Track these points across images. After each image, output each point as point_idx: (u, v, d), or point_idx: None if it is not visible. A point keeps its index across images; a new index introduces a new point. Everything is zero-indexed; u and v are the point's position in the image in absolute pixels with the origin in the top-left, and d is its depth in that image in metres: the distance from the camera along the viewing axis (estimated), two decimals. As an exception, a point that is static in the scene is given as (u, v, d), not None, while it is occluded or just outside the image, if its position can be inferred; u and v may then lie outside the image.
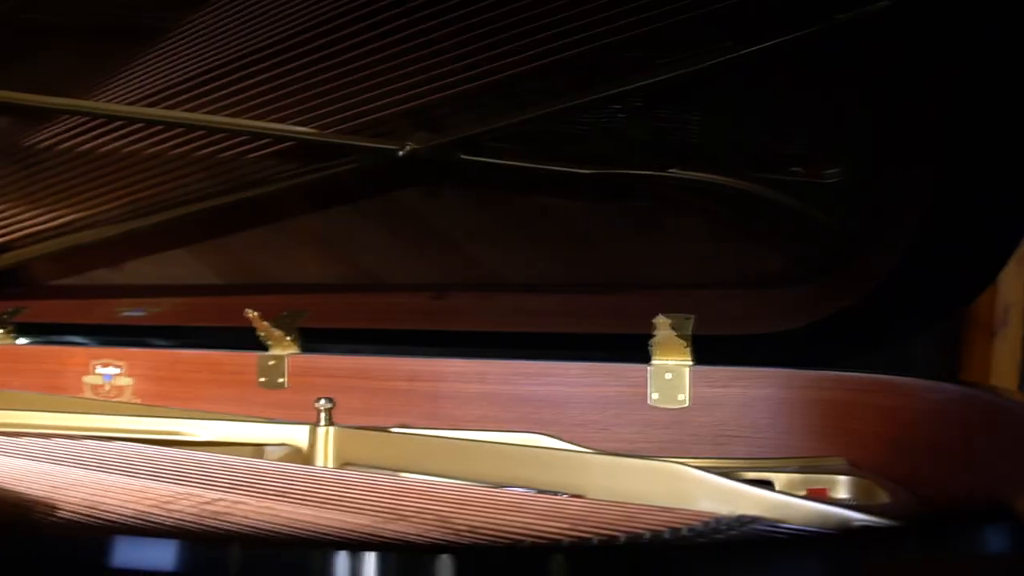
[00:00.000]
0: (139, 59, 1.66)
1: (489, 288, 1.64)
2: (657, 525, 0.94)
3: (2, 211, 1.91)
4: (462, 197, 1.61)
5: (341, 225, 1.69)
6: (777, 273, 1.51)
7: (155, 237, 1.81)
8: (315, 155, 1.59)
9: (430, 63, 1.44)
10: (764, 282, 1.50)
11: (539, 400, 1.47)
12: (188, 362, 1.74)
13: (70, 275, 1.98)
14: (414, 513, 0.98)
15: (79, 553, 0.74)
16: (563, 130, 1.48)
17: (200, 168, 1.69)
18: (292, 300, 1.70)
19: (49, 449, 1.29)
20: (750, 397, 1.39)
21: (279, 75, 1.55)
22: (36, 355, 1.90)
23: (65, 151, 1.79)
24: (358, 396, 1.54)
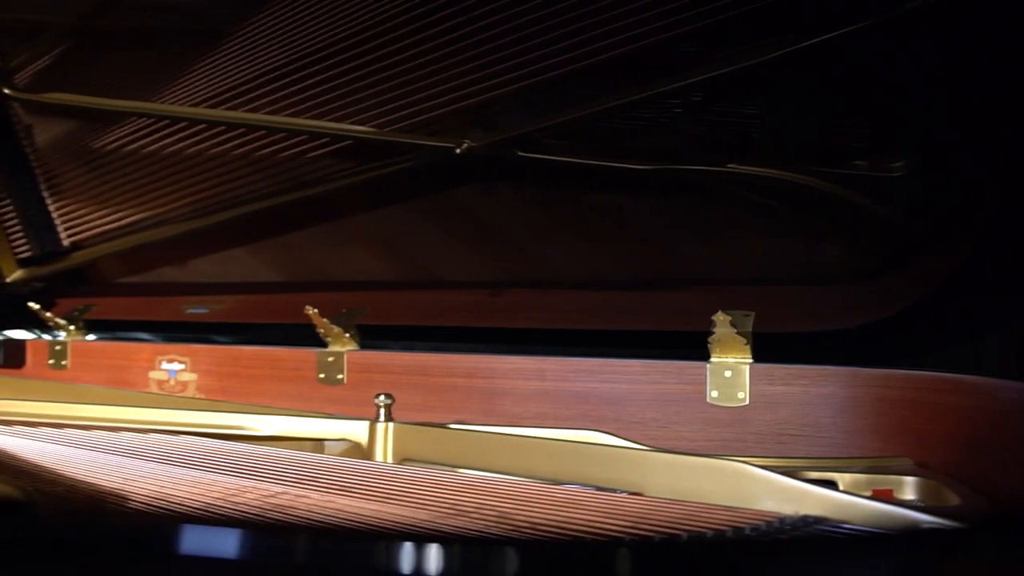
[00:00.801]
0: (202, 61, 1.70)
1: (546, 285, 1.63)
2: (719, 524, 0.93)
3: (72, 212, 1.97)
4: (518, 194, 1.61)
5: (398, 223, 1.70)
6: (839, 270, 1.48)
7: (217, 236, 1.85)
8: (373, 154, 1.61)
9: (487, 61, 1.45)
10: (826, 279, 1.48)
11: (597, 397, 1.47)
12: (249, 358, 1.77)
13: (136, 273, 2.03)
14: (473, 509, 0.98)
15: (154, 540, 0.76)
16: (620, 126, 1.47)
17: (261, 167, 1.72)
18: (351, 297, 1.72)
19: (118, 442, 1.32)
20: (812, 395, 1.36)
21: (338, 75, 1.57)
22: (104, 351, 1.96)
23: (131, 152, 1.84)
24: (416, 392, 1.55)
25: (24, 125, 1.92)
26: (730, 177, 1.45)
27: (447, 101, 1.50)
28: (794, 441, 1.37)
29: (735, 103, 1.43)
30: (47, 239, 2.03)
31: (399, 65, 1.52)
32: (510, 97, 1.47)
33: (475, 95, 1.48)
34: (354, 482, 1.09)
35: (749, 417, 1.39)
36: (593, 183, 1.55)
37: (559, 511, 0.97)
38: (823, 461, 1.30)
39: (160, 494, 1.02)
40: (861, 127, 1.41)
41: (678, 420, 1.43)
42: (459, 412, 1.52)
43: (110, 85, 1.81)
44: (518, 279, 1.67)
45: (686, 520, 0.93)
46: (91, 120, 1.87)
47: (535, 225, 1.62)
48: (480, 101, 1.48)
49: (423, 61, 1.49)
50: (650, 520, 0.92)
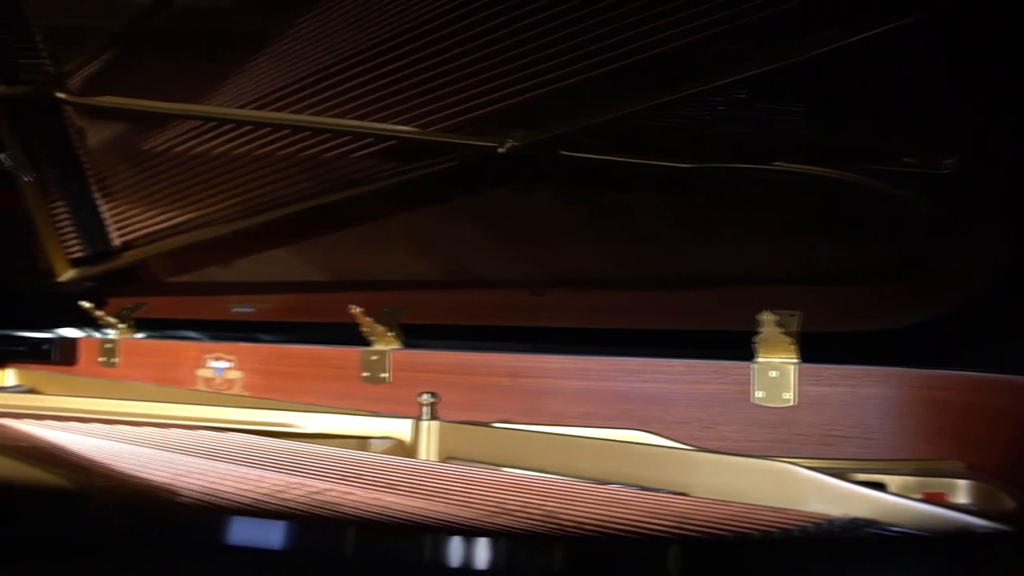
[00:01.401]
0: (248, 64, 1.72)
1: (589, 284, 1.63)
2: (766, 525, 0.92)
3: (122, 212, 2.01)
4: (560, 194, 1.60)
5: (442, 223, 1.71)
6: (885, 269, 1.45)
7: (263, 236, 1.87)
8: (416, 154, 1.61)
9: (529, 60, 1.45)
10: (872, 278, 1.45)
11: (641, 397, 1.46)
12: (294, 357, 1.79)
13: (184, 273, 2.06)
14: (519, 508, 0.99)
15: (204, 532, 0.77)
16: (663, 124, 1.46)
17: (305, 168, 1.74)
18: (394, 297, 1.73)
19: (167, 438, 1.34)
20: (859, 396, 1.34)
21: (381, 75, 1.58)
22: (153, 349, 1.99)
23: (179, 154, 1.87)
24: (459, 392, 1.55)
25: (76, 128, 1.96)
26: (775, 175, 1.43)
27: (489, 101, 1.50)
28: (840, 443, 1.35)
29: (780, 100, 1.41)
30: (98, 239, 2.07)
31: (442, 65, 1.52)
32: (552, 96, 1.46)
33: (517, 94, 1.48)
34: (399, 480, 1.10)
35: (795, 418, 1.37)
36: (636, 182, 1.54)
37: (604, 510, 0.97)
38: (871, 463, 1.28)
39: (209, 489, 1.04)
40: (910, 124, 1.38)
41: (722, 420, 1.42)
42: (502, 411, 1.53)
43: (159, 88, 1.84)
44: (561, 278, 1.67)
45: (732, 521, 0.92)
46: (140, 123, 1.90)
47: (578, 224, 1.62)
48: (522, 100, 1.48)
49: (466, 61, 1.49)
50: (696, 520, 0.92)
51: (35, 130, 1.98)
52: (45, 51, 1.88)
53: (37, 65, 1.91)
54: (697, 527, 0.90)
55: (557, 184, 1.59)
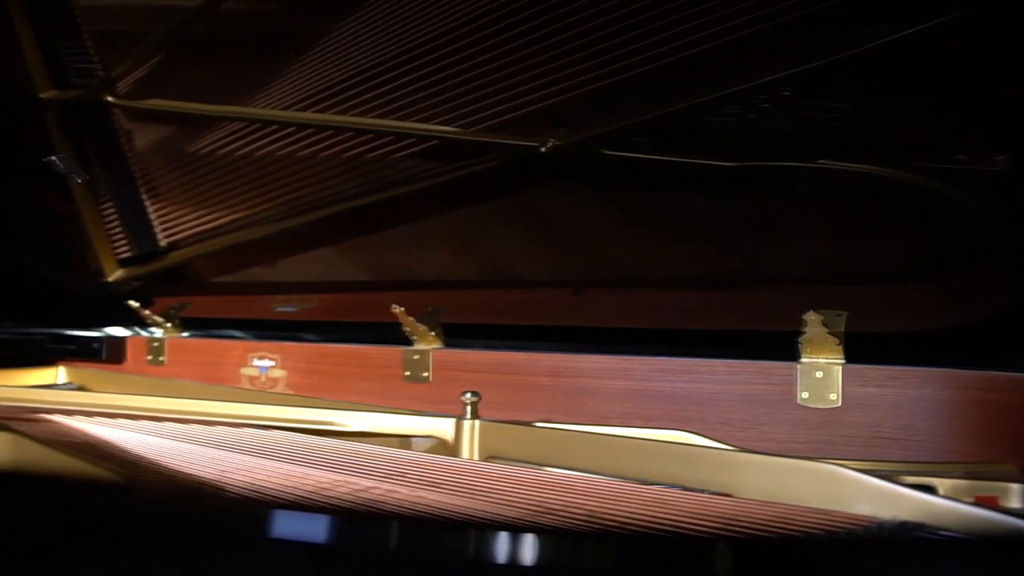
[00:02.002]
0: (292, 66, 1.74)
1: (631, 284, 1.62)
2: (811, 527, 0.91)
3: (169, 213, 2.04)
4: (602, 193, 1.60)
5: (483, 222, 1.71)
6: (933, 268, 1.43)
7: (306, 236, 1.89)
8: (458, 154, 1.62)
9: (571, 59, 1.45)
10: (919, 277, 1.43)
11: (683, 397, 1.45)
12: (337, 356, 1.81)
13: (228, 273, 2.09)
14: (561, 507, 0.99)
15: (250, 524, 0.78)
16: (706, 123, 1.45)
17: (348, 169, 1.75)
18: (436, 296, 1.74)
19: (213, 435, 1.36)
20: (907, 398, 1.32)
21: (423, 76, 1.59)
22: (199, 348, 2.02)
23: (224, 156, 1.90)
24: (500, 391, 1.56)
25: (125, 131, 2.00)
26: (819, 174, 1.41)
27: (531, 100, 1.50)
28: (887, 444, 1.33)
29: (825, 97, 1.39)
30: (145, 240, 2.11)
31: (484, 65, 1.53)
32: (594, 95, 1.46)
33: (559, 93, 1.48)
34: (442, 478, 1.10)
35: (840, 419, 1.36)
36: (679, 181, 1.53)
37: (648, 510, 0.96)
38: (919, 465, 1.26)
39: (255, 486, 1.06)
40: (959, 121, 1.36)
41: (766, 421, 1.41)
42: (543, 411, 1.53)
43: (204, 91, 1.87)
44: (603, 278, 1.66)
45: (777, 522, 0.91)
46: (187, 125, 1.93)
47: (619, 224, 1.61)
48: (564, 99, 1.48)
49: (508, 60, 1.50)
50: (740, 521, 0.91)
51: (86, 133, 2.01)
52: (96, 56, 1.92)
53: (88, 70, 1.95)
54: (742, 528, 0.89)
55: (599, 183, 1.58)
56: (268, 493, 1.03)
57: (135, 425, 1.44)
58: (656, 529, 0.90)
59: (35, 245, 2.26)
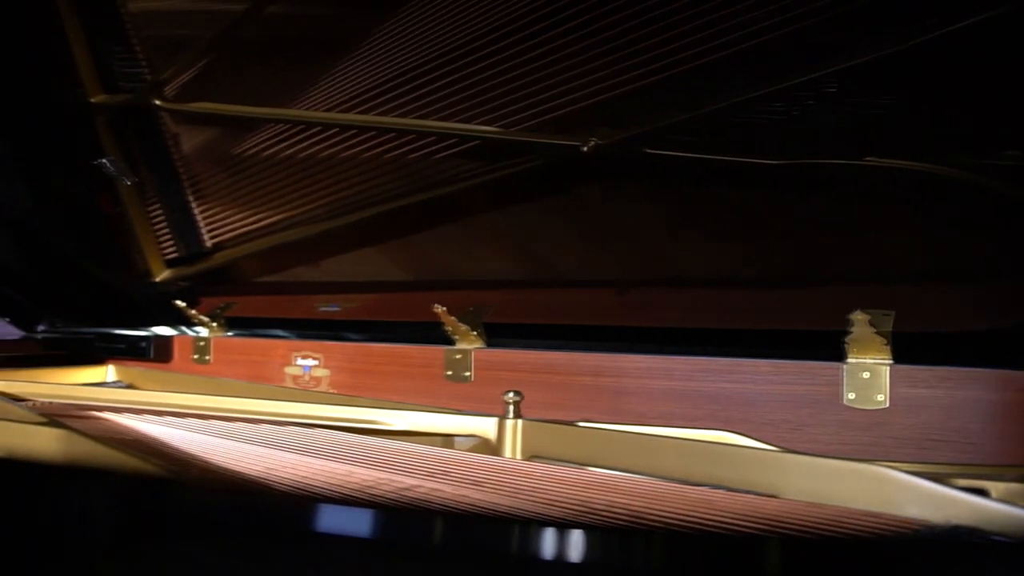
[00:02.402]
0: (335, 68, 1.75)
1: (673, 283, 1.61)
2: (859, 529, 0.89)
3: (214, 215, 2.07)
4: (644, 191, 1.59)
5: (524, 222, 1.71)
6: (985, 266, 1.40)
7: (349, 236, 1.90)
8: (499, 154, 1.62)
9: (614, 58, 1.44)
10: (970, 276, 1.40)
11: (727, 397, 1.44)
12: (379, 355, 1.82)
13: (272, 273, 2.11)
14: (604, 507, 0.98)
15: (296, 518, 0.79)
16: (750, 120, 1.44)
17: (390, 169, 1.76)
18: (477, 296, 1.74)
19: (258, 433, 1.38)
20: (958, 399, 1.29)
21: (465, 76, 1.60)
22: (244, 347, 2.05)
23: (268, 157, 1.92)
24: (542, 391, 1.56)
25: (172, 134, 2.03)
26: (867, 171, 1.39)
27: (573, 99, 1.50)
28: (938, 447, 1.31)
29: (874, 93, 1.37)
30: (191, 241, 2.14)
31: (526, 65, 1.53)
32: (637, 93, 1.45)
33: (602, 92, 1.47)
34: (485, 477, 1.10)
35: (888, 420, 1.33)
36: (722, 180, 1.52)
37: (692, 511, 0.95)
38: (971, 468, 1.24)
39: (300, 483, 1.07)
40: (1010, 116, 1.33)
41: (811, 422, 1.39)
42: (585, 411, 1.52)
43: (249, 93, 1.89)
44: (644, 277, 1.65)
45: (825, 524, 0.90)
46: (232, 127, 1.96)
47: (661, 223, 1.60)
48: (607, 98, 1.47)
49: (549, 60, 1.50)
50: (786, 523, 0.90)
51: (134, 136, 2.05)
52: (143, 61, 1.96)
53: (136, 74, 1.98)
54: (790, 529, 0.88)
55: (642, 182, 1.57)
56: (313, 490, 1.04)
57: (182, 423, 1.46)
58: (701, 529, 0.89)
59: (85, 246, 2.31)
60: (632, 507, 0.98)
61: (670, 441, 1.21)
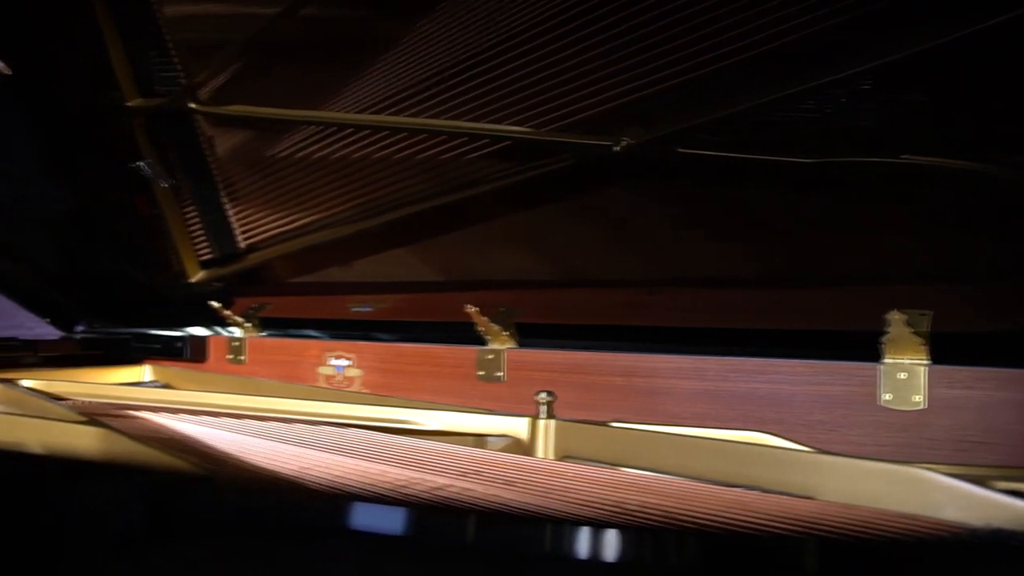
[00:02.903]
0: (366, 70, 1.76)
1: (706, 283, 1.60)
2: (897, 532, 0.88)
3: (248, 216, 2.09)
4: (676, 191, 1.58)
5: (555, 222, 1.71)
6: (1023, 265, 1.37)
7: (380, 237, 1.91)
8: (530, 154, 1.62)
9: (645, 57, 1.43)
10: (1009, 275, 1.38)
11: (760, 398, 1.43)
12: (411, 355, 1.83)
13: (305, 274, 2.12)
14: (637, 507, 0.98)
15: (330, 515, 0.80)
16: (783, 119, 1.42)
17: (422, 170, 1.77)
18: (509, 296, 1.75)
19: (293, 433, 1.39)
20: (997, 400, 1.28)
21: (496, 77, 1.60)
22: (277, 347, 2.07)
23: (301, 159, 1.93)
24: (574, 391, 1.56)
25: (207, 137, 2.05)
26: (902, 169, 1.37)
27: (605, 99, 1.50)
28: (976, 449, 1.29)
29: (908, 91, 1.35)
30: (225, 242, 2.16)
31: (556, 64, 1.52)
32: (668, 92, 1.45)
33: (633, 92, 1.47)
34: (517, 477, 1.10)
35: (925, 421, 1.32)
36: (754, 179, 1.50)
37: (726, 511, 0.95)
38: (1011, 470, 1.22)
39: (333, 482, 1.07)
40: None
41: (846, 423, 1.37)
42: (617, 411, 1.52)
43: (282, 96, 1.91)
44: (676, 277, 1.64)
45: (861, 526, 0.89)
46: (265, 130, 1.98)
47: (694, 222, 1.59)
48: (638, 98, 1.47)
49: (581, 60, 1.49)
50: (823, 523, 0.89)
51: (170, 139, 2.08)
52: (179, 64, 1.98)
53: (171, 78, 2.00)
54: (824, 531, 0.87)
55: (674, 182, 1.56)
56: (347, 489, 1.05)
57: (217, 422, 1.48)
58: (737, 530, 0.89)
59: (122, 248, 2.35)
60: (665, 507, 0.98)
61: (703, 441, 1.20)
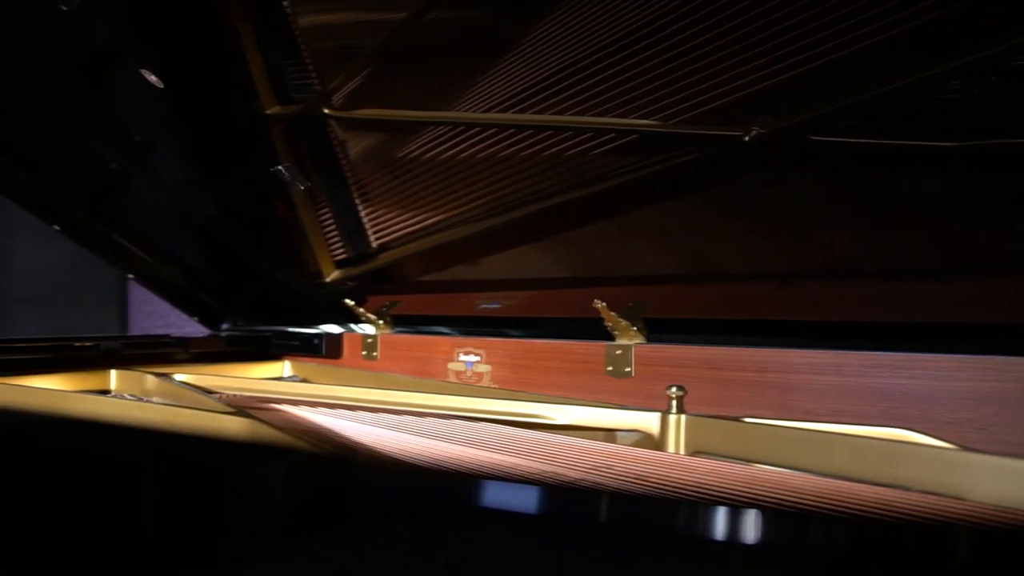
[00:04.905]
0: (492, 69, 1.79)
1: (842, 276, 1.54)
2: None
3: (380, 216, 2.16)
4: (811, 180, 1.52)
5: (683, 215, 1.68)
6: None
7: (508, 234, 1.93)
8: (658, 147, 1.61)
9: (776, 43, 1.40)
10: None
11: (903, 395, 1.36)
12: (540, 351, 1.84)
13: (435, 272, 2.17)
14: (773, 505, 0.96)
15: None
16: (925, 101, 1.35)
17: (548, 167, 1.78)
18: (637, 291, 1.73)
19: (425, 427, 1.43)
20: None
21: (622, 70, 1.59)
22: (408, 343, 2.13)
23: (430, 159, 1.98)
24: (705, 386, 1.53)
25: (339, 140, 2.13)
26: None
27: (733, 88, 1.47)
28: None
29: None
30: (358, 242, 2.24)
31: (683, 55, 1.51)
32: (800, 78, 1.40)
33: (763, 79, 1.43)
34: (648, 472, 1.09)
35: (1088, 420, 1.23)
36: (893, 165, 1.44)
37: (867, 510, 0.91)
38: None
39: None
40: None
41: (999, 422, 1.29)
42: (749, 407, 1.49)
43: (411, 98, 1.96)
44: (810, 270, 1.59)
45: (1015, 528, 0.84)
46: (395, 132, 2.03)
47: (828, 212, 1.53)
48: (768, 85, 1.43)
49: (708, 49, 1.47)
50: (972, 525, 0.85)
51: (305, 144, 2.16)
52: (313, 72, 2.06)
53: (306, 85, 2.09)
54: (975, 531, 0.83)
55: (807, 170, 1.51)
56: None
57: (353, 415, 1.53)
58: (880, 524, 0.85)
59: (263, 250, 2.46)
60: (802, 505, 0.95)
61: (846, 438, 1.16)
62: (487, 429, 1.39)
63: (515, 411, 1.50)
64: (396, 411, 1.56)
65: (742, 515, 0.74)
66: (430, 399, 1.62)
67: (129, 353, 2.16)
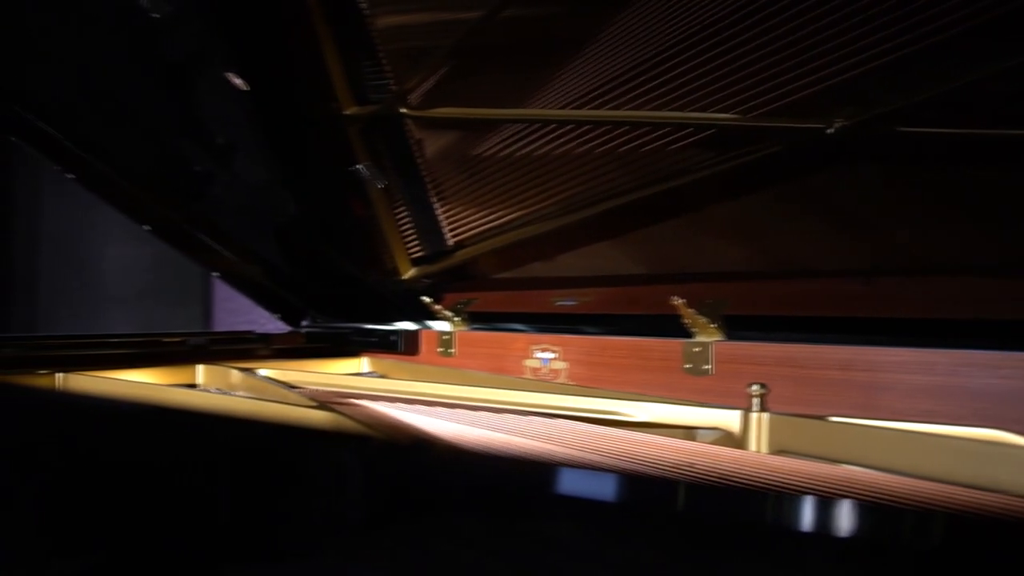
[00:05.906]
0: (567, 66, 1.78)
1: (931, 271, 1.49)
2: None
3: (455, 214, 2.18)
4: (896, 174, 1.48)
5: (763, 211, 1.65)
6: None
7: (583, 231, 1.93)
8: (737, 141, 1.58)
9: (860, 32, 1.36)
10: None
11: (997, 395, 1.31)
12: (617, 348, 1.83)
13: (510, 269, 2.18)
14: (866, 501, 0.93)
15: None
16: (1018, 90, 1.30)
17: (625, 163, 1.77)
18: (716, 288, 1.71)
19: (502, 423, 1.43)
20: None
21: (698, 64, 1.57)
22: (485, 340, 2.14)
23: (505, 157, 1.99)
24: (786, 385, 1.50)
25: (416, 139, 2.15)
26: None
27: (815, 80, 1.43)
28: None
29: None
30: (434, 240, 2.26)
31: (763, 48, 1.47)
32: (886, 68, 1.36)
33: (846, 70, 1.39)
34: (730, 471, 1.08)
35: None
36: (983, 157, 1.39)
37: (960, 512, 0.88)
38: None
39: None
40: None
41: (1102, 424, 1.24)
42: (834, 406, 1.45)
43: (486, 96, 1.97)
44: (894, 266, 1.54)
45: None
46: (471, 130, 2.04)
47: (916, 207, 1.49)
48: (852, 76, 1.39)
49: (789, 40, 1.44)
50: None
51: (382, 143, 2.19)
52: (389, 72, 2.09)
53: (382, 85, 2.11)
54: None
55: (893, 163, 1.47)
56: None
57: (431, 410, 1.55)
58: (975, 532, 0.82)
59: (342, 248, 2.51)
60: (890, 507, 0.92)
61: (937, 439, 1.12)
62: (565, 426, 1.39)
63: (593, 407, 1.49)
64: (473, 407, 1.57)
65: (822, 513, 0.73)
66: (507, 395, 1.63)
67: (215, 348, 2.23)
